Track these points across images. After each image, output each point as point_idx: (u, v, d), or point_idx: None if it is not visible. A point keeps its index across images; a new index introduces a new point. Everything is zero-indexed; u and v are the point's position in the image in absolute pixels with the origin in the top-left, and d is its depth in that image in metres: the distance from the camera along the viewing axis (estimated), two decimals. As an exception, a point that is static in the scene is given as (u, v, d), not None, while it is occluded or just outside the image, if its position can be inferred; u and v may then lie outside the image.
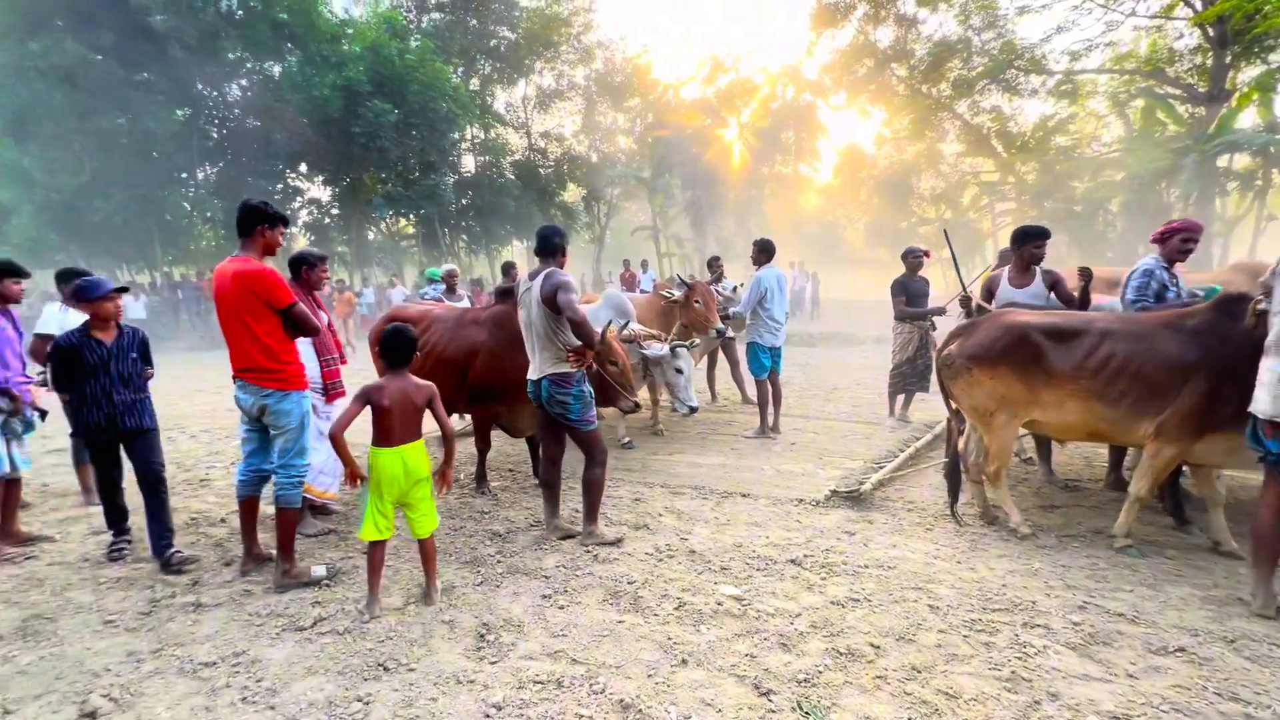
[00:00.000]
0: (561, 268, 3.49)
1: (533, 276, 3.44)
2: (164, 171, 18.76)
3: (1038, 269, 4.23)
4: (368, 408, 2.90)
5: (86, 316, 4.81)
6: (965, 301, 4.61)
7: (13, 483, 3.80)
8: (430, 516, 2.98)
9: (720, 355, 7.61)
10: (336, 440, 2.83)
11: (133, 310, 17.37)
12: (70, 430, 4.78)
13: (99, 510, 4.60)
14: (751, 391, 6.77)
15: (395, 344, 2.93)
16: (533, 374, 3.53)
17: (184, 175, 19.95)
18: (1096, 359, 3.15)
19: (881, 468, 4.76)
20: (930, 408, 6.69)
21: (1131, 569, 3.23)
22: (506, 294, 4.41)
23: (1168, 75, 21.29)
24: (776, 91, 30.17)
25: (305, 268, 3.91)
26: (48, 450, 6.00)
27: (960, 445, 3.88)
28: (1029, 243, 4.19)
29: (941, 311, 6.02)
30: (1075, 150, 24.52)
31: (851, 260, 38.05)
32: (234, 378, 3.13)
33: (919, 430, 5.98)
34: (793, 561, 3.36)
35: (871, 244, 33.58)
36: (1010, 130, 25.71)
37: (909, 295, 6.14)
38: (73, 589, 3.30)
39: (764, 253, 5.92)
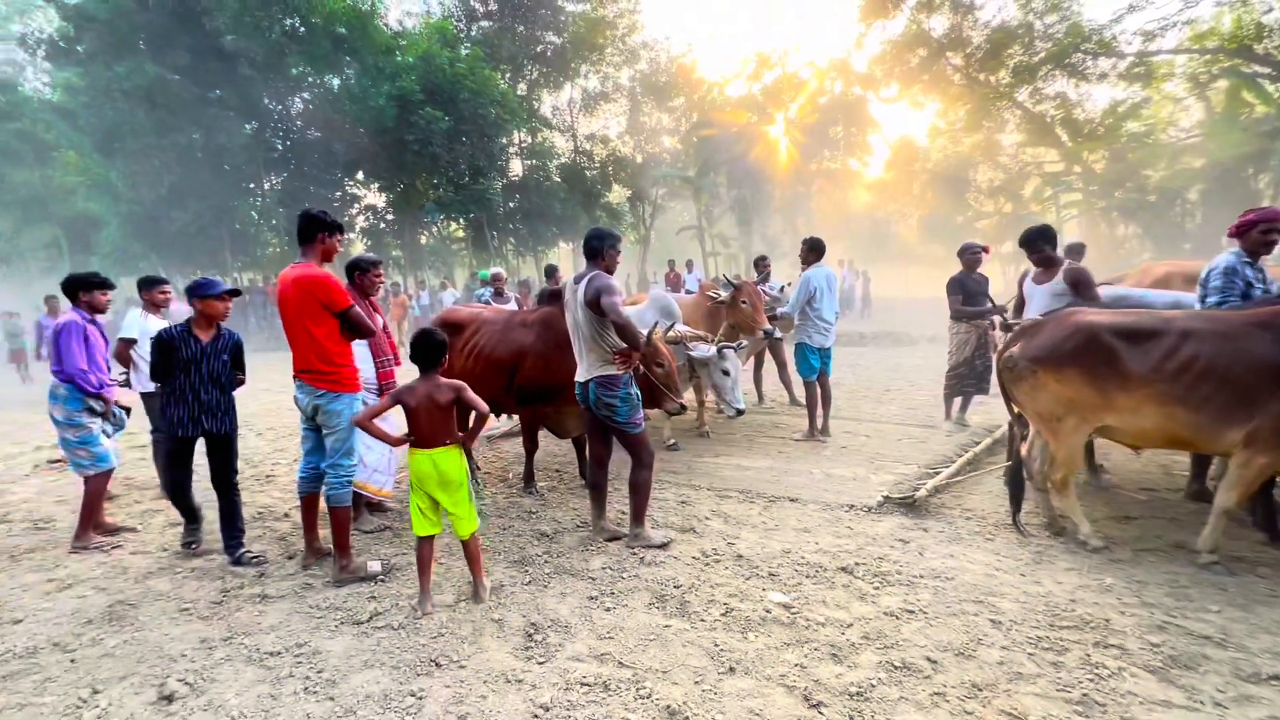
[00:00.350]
0: (610, 270, 3.50)
1: (578, 280, 3.46)
2: (234, 182, 19.88)
3: (1061, 267, 4.37)
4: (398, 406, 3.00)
5: (165, 323, 5.17)
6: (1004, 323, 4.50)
7: (107, 475, 4.08)
8: (469, 519, 3.01)
9: (768, 356, 7.49)
10: (361, 425, 2.99)
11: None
12: (151, 427, 5.12)
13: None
14: (800, 393, 6.63)
15: (422, 347, 2.99)
16: (580, 376, 3.55)
17: (251, 186, 21.10)
18: (1177, 361, 2.93)
19: (937, 473, 4.58)
20: (989, 411, 6.40)
21: (1218, 588, 2.99)
22: (553, 297, 4.46)
23: (1255, 52, 19.74)
24: (824, 86, 29.50)
25: (359, 273, 4.05)
26: (129, 446, 6.43)
27: (1023, 451, 3.69)
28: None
29: (1001, 310, 5.75)
30: (1150, 136, 23.00)
31: (904, 257, 36.82)
32: (294, 377, 3.27)
33: (978, 434, 5.73)
34: (843, 569, 3.27)
35: (925, 240, 32.39)
36: (1076, 118, 24.34)
37: (966, 293, 5.89)
38: (153, 577, 3.52)
39: (813, 251, 5.80)
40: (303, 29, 18.26)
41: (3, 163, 21.67)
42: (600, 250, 3.44)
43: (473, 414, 3.01)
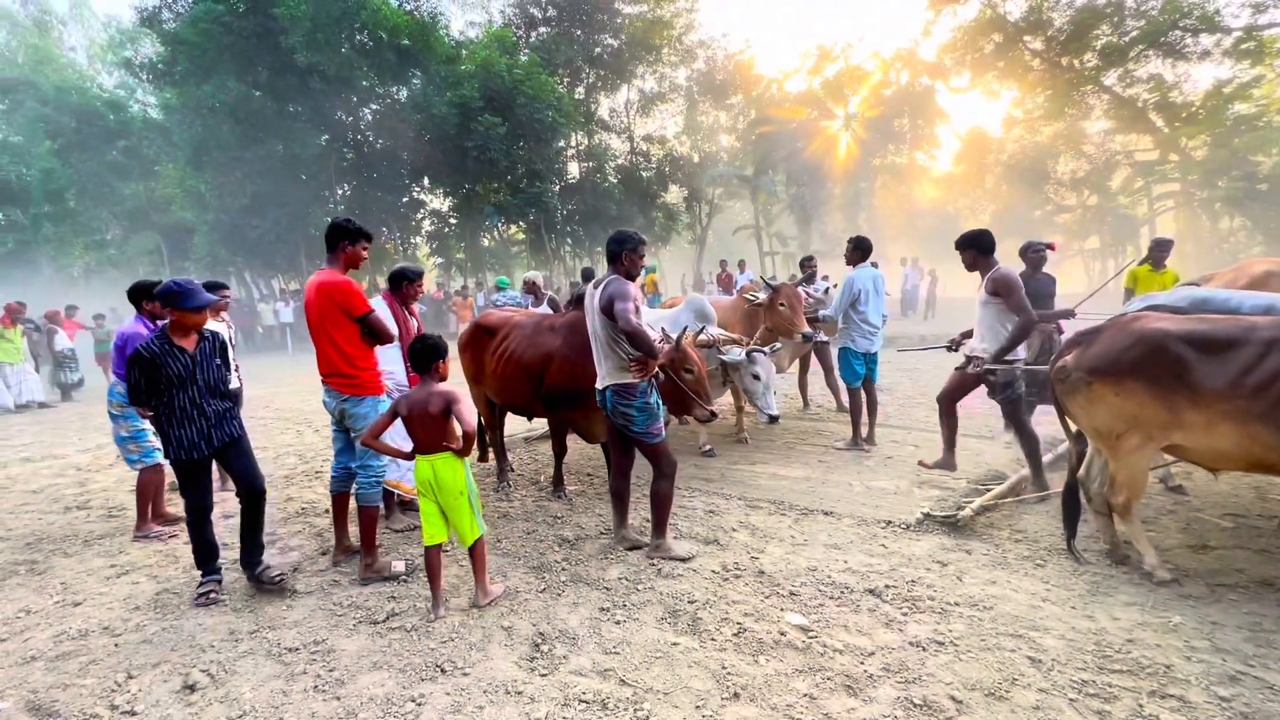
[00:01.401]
0: (631, 274, 3.41)
1: (596, 285, 3.41)
2: (309, 191, 21.11)
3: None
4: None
5: (224, 324, 5.48)
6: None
7: (155, 468, 4.34)
8: (471, 527, 3.00)
9: (813, 360, 7.22)
10: (367, 444, 3.00)
11: (284, 315, 19.73)
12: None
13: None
14: (846, 399, 6.35)
15: (415, 352, 3.00)
16: (599, 383, 3.50)
17: (325, 194, 22.33)
18: (1261, 375, 2.57)
19: (988, 489, 4.25)
20: (1056, 422, 5.90)
21: (1310, 633, 2.62)
22: (582, 300, 4.43)
23: (1390, 21, 17.49)
24: (889, 77, 28.34)
25: (406, 282, 4.14)
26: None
27: (1080, 470, 3.35)
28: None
29: (1070, 314, 5.28)
30: (1261, 119, 20.79)
31: (975, 255, 34.86)
32: (322, 382, 3.38)
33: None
34: (871, 592, 3.07)
35: (999, 236, 30.51)
36: (1174, 101, 22.32)
37: (1030, 295, 5.44)
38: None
39: (859, 250, 5.52)
40: (370, 43, 19.16)
41: (113, 176, 23.86)
42: (619, 254, 3.37)
43: (467, 427, 2.94)
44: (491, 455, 5.27)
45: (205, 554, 3.29)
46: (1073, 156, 27.33)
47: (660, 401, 3.53)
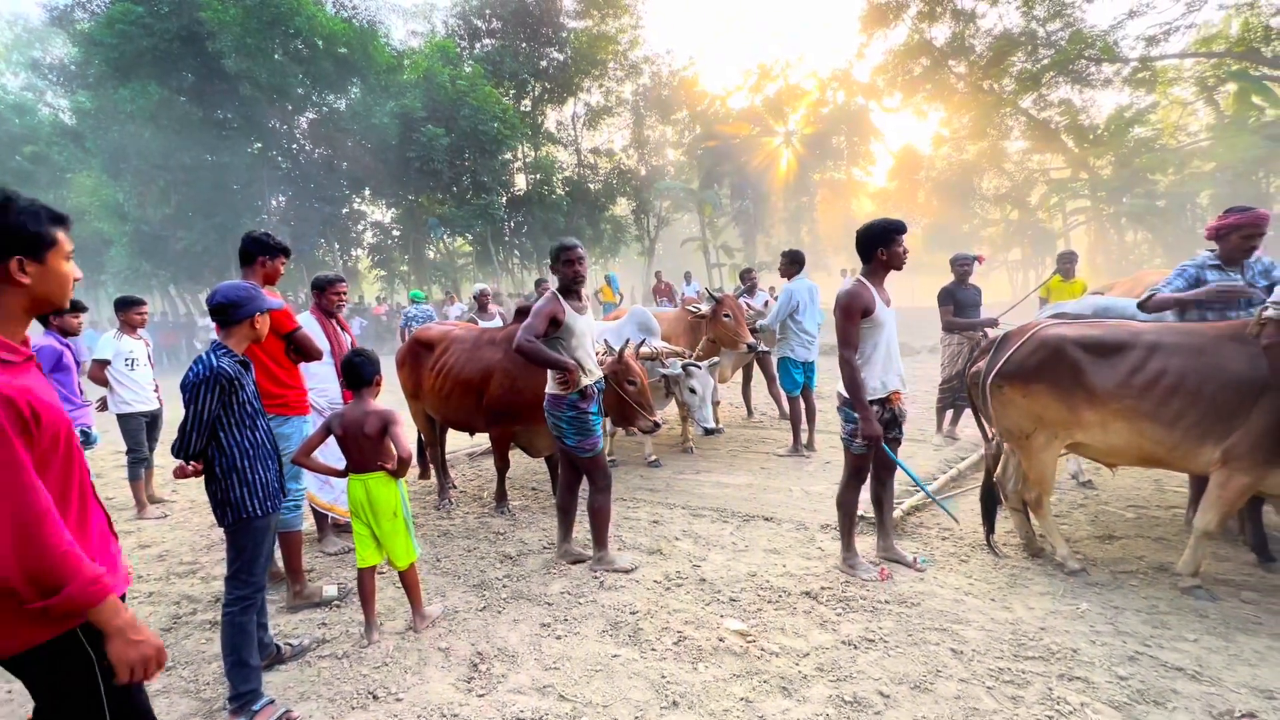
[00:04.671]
0: (570, 279, 3.37)
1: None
2: (240, 201, 20.19)
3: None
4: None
5: (140, 342, 5.17)
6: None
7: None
8: (406, 550, 2.91)
9: (756, 370, 7.39)
10: (298, 463, 2.87)
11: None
12: (127, 448, 5.12)
13: (150, 524, 4.92)
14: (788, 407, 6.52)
15: (348, 369, 2.91)
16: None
17: (259, 204, 21.41)
18: (1145, 376, 2.81)
19: (917, 491, 4.44)
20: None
21: (1199, 614, 2.85)
22: (524, 312, 4.41)
23: (1263, 55, 19.50)
24: (826, 96, 29.55)
25: (318, 292, 4.01)
26: (118, 465, 6.43)
27: (997, 470, 3.56)
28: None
29: (994, 323, 5.61)
30: (1157, 141, 22.75)
31: (909, 266, 36.42)
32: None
33: (965, 449, 5.59)
34: (808, 594, 3.16)
35: (930, 248, 32.14)
36: (1082, 124, 24.16)
37: (958, 304, 5.77)
38: (108, 603, 3.47)
39: (794, 264, 5.71)
40: (305, 50, 18.58)
41: (19, 184, 22.13)
42: (553, 266, 3.38)
43: (403, 453, 2.85)
44: (433, 472, 5.15)
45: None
46: (996, 174, 29.14)
47: (600, 416, 3.54)
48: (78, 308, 4.50)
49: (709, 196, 28.35)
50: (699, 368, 4.67)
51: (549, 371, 3.38)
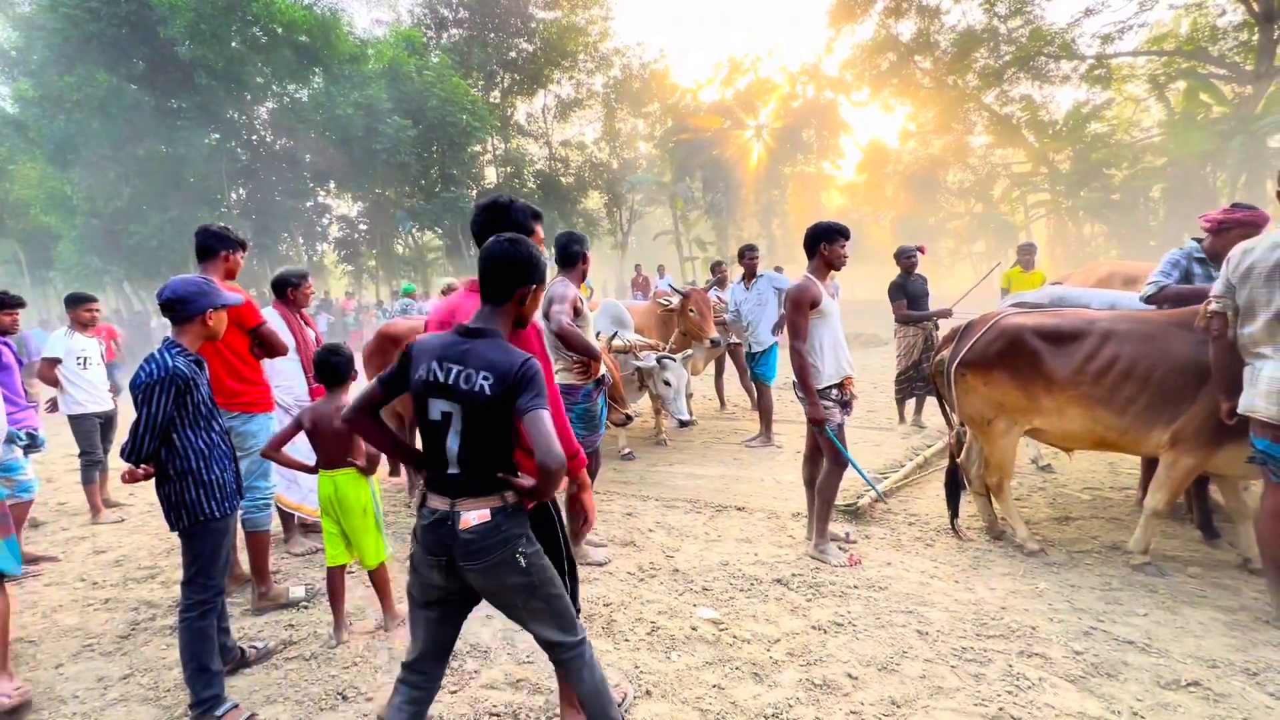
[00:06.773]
0: (583, 276, 3.38)
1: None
2: (197, 194, 19.48)
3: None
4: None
5: (94, 340, 4.97)
6: None
7: (24, 505, 3.86)
8: (376, 549, 2.87)
9: (729, 362, 7.44)
10: (268, 456, 2.79)
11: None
12: (79, 450, 4.93)
13: (105, 528, 4.75)
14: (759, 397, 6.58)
15: (320, 365, 2.84)
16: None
17: (218, 197, 20.71)
18: (1098, 363, 2.92)
19: (885, 478, 4.54)
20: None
21: (1149, 589, 2.98)
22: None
23: (1210, 54, 20.28)
24: (796, 90, 29.80)
25: (290, 288, 3.91)
26: (71, 469, 6.19)
27: (961, 456, 3.66)
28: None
29: (948, 313, 5.75)
30: (1112, 137, 23.51)
31: (877, 258, 37.18)
32: (207, 400, 3.13)
33: (930, 437, 5.72)
34: (779, 581, 3.20)
35: (898, 240, 32.76)
36: (1042, 119, 24.83)
37: (908, 296, 5.88)
38: (62, 611, 3.35)
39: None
40: (264, 38, 17.99)
41: (-44, 176, 21.07)
42: (565, 260, 3.34)
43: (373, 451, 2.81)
44: (403, 470, 5.07)
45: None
46: (960, 168, 29.75)
47: (605, 411, 3.52)
48: (15, 303, 4.30)
49: (681, 190, 28.40)
50: (673, 360, 4.68)
51: (556, 362, 3.33)
